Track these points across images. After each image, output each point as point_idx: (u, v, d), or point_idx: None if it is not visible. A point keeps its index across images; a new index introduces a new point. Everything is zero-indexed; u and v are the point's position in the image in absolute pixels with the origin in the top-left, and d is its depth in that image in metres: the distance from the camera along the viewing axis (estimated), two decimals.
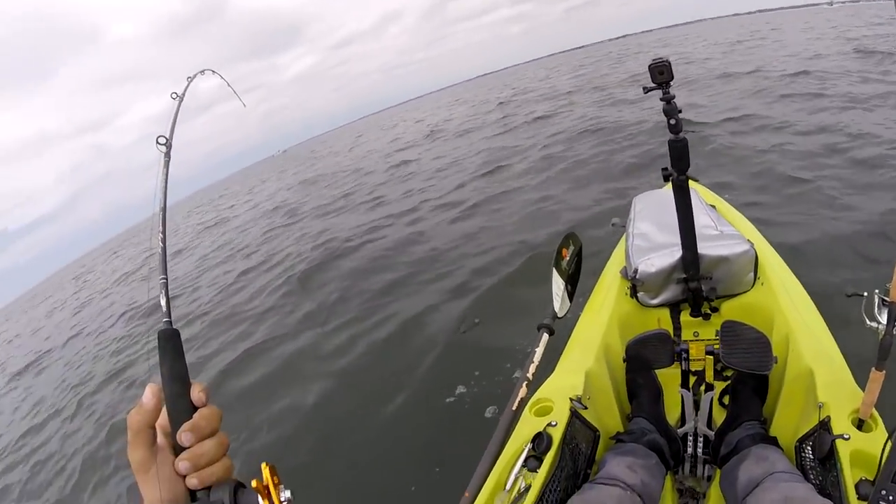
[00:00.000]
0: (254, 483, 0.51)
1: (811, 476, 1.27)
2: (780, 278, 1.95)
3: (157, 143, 0.72)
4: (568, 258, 2.25)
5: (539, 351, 1.89)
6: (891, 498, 0.98)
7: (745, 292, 1.94)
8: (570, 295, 2.19)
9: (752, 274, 1.91)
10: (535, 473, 1.31)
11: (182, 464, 0.53)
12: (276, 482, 0.52)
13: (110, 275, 18.63)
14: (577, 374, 1.67)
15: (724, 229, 2.03)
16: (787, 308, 1.75)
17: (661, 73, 1.64)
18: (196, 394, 0.56)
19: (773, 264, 2.04)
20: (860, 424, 1.22)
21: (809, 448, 1.30)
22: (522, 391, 1.71)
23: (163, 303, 0.60)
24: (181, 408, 0.55)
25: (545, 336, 1.96)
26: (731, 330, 1.56)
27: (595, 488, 1.31)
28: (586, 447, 1.51)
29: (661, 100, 1.68)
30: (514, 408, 1.63)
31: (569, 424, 1.47)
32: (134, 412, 0.54)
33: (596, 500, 1.26)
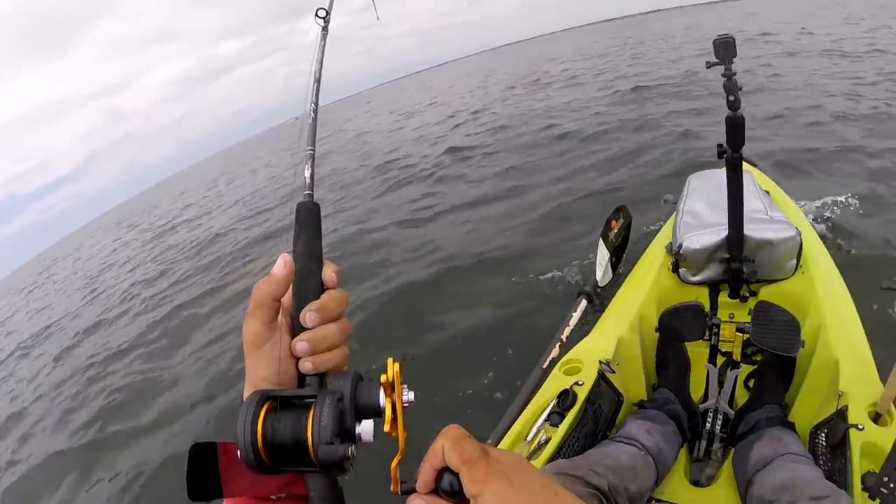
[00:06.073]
0: (382, 378, 0.46)
1: (821, 462, 1.31)
2: (822, 269, 1.94)
3: (317, 16, 0.72)
4: (616, 230, 2.30)
5: (576, 315, 1.99)
6: (892, 485, 1.04)
7: (785, 279, 1.95)
8: (614, 266, 2.25)
9: (794, 261, 1.91)
10: (556, 428, 1.41)
11: (300, 344, 0.48)
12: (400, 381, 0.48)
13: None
14: (610, 339, 1.74)
15: (774, 214, 2.01)
16: (823, 298, 1.76)
17: (725, 49, 1.65)
18: (328, 273, 0.52)
19: (817, 254, 2.03)
20: (876, 418, 1.26)
21: (824, 435, 1.35)
22: (555, 351, 1.83)
23: (306, 174, 0.57)
24: (310, 286, 0.51)
25: (583, 302, 2.06)
26: (764, 310, 1.60)
27: (612, 444, 1.41)
28: (609, 409, 1.59)
29: (723, 76, 1.69)
30: (544, 366, 1.75)
31: (595, 385, 1.55)
32: (262, 282, 0.49)
33: (611, 454, 1.35)
